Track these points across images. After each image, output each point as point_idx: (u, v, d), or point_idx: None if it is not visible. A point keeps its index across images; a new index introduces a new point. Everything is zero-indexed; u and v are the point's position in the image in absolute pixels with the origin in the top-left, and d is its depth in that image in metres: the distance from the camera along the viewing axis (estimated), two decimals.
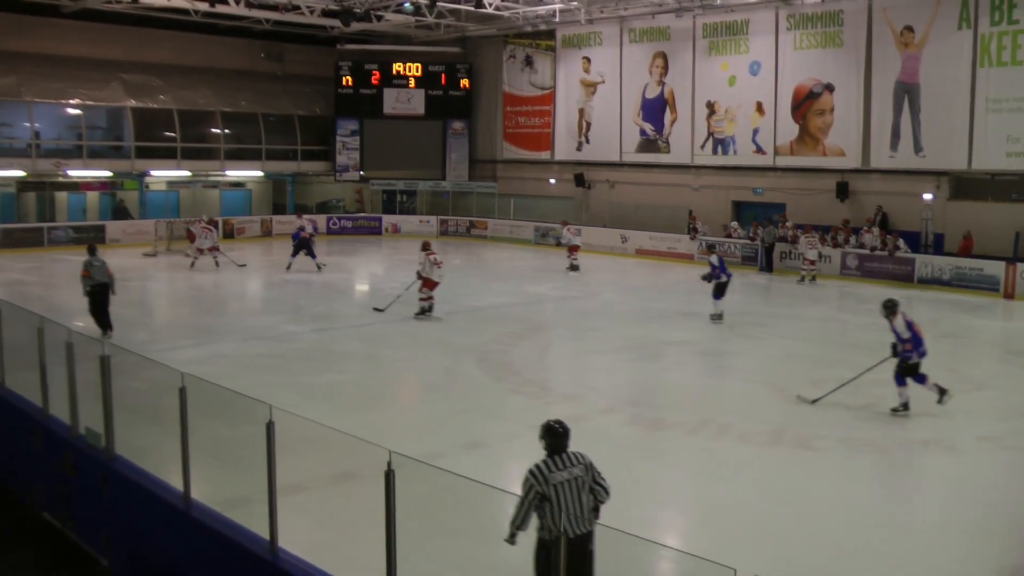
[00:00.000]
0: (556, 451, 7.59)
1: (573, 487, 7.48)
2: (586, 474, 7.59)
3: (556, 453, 7.57)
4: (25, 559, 11.53)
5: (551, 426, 7.67)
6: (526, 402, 15.87)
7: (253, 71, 46.01)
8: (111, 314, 20.39)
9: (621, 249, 37.54)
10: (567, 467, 7.51)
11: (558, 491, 7.40)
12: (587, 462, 7.64)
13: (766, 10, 34.50)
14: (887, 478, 12.83)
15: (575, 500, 7.46)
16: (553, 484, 7.39)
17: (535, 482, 7.40)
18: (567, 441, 7.64)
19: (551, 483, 7.39)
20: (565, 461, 7.54)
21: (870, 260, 30.32)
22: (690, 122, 37.62)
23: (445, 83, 46.19)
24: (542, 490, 7.38)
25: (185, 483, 9.49)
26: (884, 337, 20.92)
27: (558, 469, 7.47)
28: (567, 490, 7.44)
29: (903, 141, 31.33)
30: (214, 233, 33.69)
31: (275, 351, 19.49)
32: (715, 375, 17.71)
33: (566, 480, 7.46)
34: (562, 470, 7.47)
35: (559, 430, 7.62)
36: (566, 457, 7.57)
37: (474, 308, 25.34)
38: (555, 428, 7.64)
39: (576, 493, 7.48)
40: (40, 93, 38.87)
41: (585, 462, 7.62)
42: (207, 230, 33.05)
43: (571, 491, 7.46)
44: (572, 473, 7.50)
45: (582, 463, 7.59)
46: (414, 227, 44.99)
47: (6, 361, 13.95)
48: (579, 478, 7.53)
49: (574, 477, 7.51)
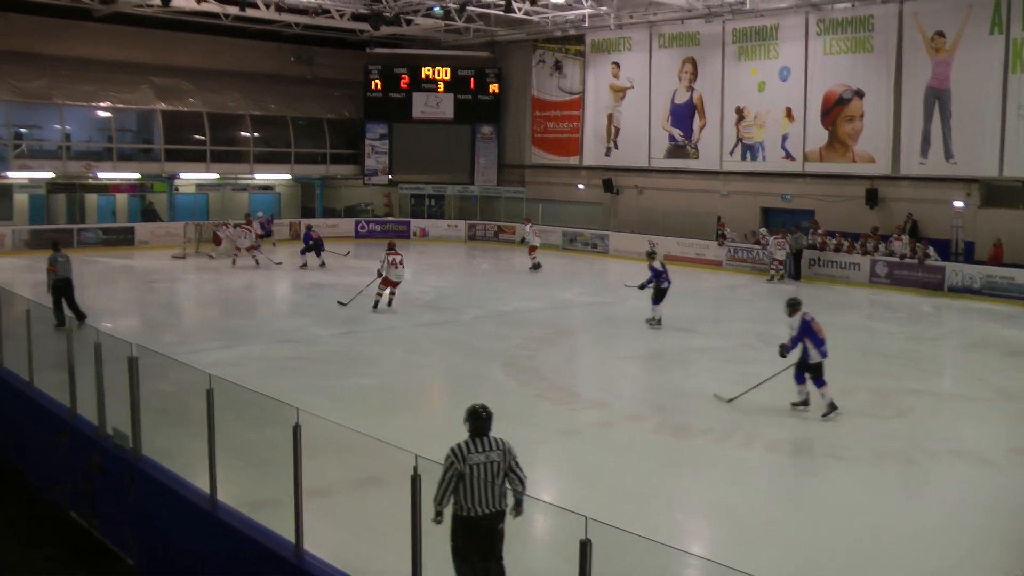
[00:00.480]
0: (478, 434, 8.05)
1: (488, 470, 7.91)
2: (503, 459, 8.02)
3: (478, 436, 8.04)
4: (52, 557, 11.59)
5: (475, 410, 8.14)
6: (552, 408, 15.87)
7: (282, 75, 46.26)
8: (79, 304, 21.17)
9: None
10: (486, 451, 7.96)
11: (474, 471, 7.83)
12: (506, 448, 8.07)
13: (796, 15, 34.35)
14: (915, 489, 12.70)
15: (488, 482, 7.85)
16: (470, 464, 7.83)
17: (455, 459, 7.85)
18: (489, 425, 8.10)
19: (468, 463, 7.83)
20: (485, 445, 8.00)
21: (900, 268, 30.11)
22: (719, 128, 37.49)
23: (474, 87, 46.24)
24: (460, 468, 7.81)
25: (211, 484, 9.51)
26: (914, 345, 20.85)
27: (477, 451, 7.93)
28: (482, 472, 7.86)
29: (933, 148, 31.08)
30: (252, 232, 34.20)
31: (302, 354, 19.54)
32: (743, 383, 17.61)
33: (482, 463, 7.90)
34: (480, 453, 7.93)
35: (482, 414, 8.10)
36: (487, 441, 8.02)
37: (501, 313, 25.33)
38: (479, 412, 8.12)
39: (491, 475, 7.89)
40: (71, 96, 39.17)
41: (504, 447, 8.06)
42: (246, 229, 33.92)
43: (486, 473, 7.88)
44: (489, 457, 7.95)
45: (501, 448, 8.04)
46: (442, 231, 45.06)
47: (35, 361, 14.03)
48: (495, 462, 7.97)
49: (491, 461, 7.95)
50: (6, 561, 11.25)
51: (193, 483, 10.04)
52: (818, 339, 15.17)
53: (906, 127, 31.79)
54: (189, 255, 35.93)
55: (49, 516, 12.53)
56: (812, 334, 15.16)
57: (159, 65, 42.11)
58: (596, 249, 38.98)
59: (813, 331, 15.19)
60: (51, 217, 39.82)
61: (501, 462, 8.01)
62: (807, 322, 15.26)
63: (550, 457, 13.55)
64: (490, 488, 7.86)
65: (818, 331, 15.23)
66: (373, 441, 8.61)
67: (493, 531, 7.88)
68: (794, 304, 15.45)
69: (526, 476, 8.18)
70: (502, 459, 8.02)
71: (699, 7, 35.56)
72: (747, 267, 33.83)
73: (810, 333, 15.17)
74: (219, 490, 9.57)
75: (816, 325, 15.29)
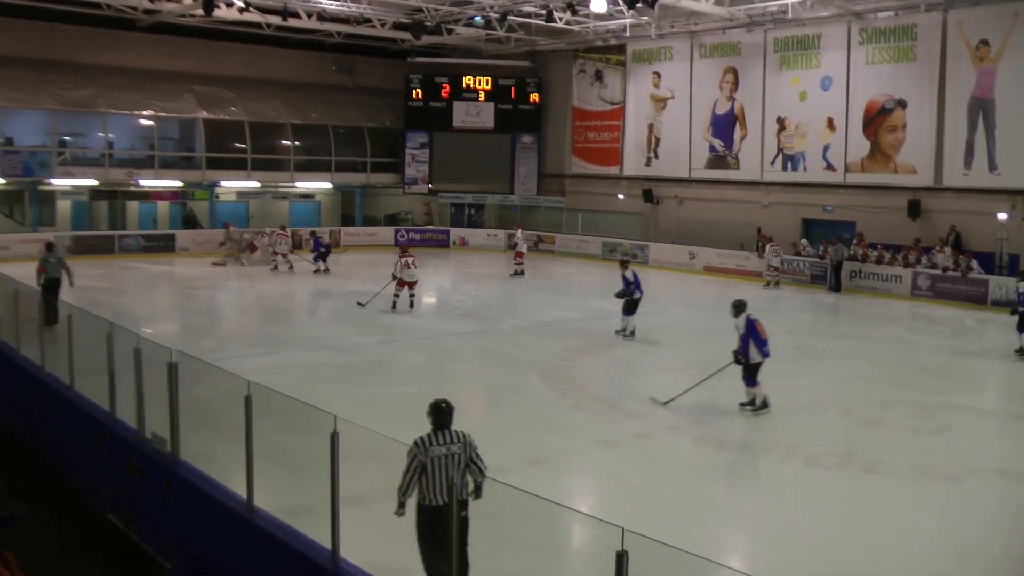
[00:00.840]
0: (440, 427, 8.45)
1: (450, 462, 8.30)
2: (464, 452, 8.39)
3: (440, 429, 8.44)
4: (90, 559, 11.65)
5: (437, 404, 8.55)
6: (590, 418, 15.83)
7: (324, 83, 46.53)
8: (58, 309, 20.45)
9: (689, 266, 37.33)
10: (447, 443, 8.34)
11: (435, 463, 8.24)
12: (467, 440, 8.46)
13: (838, 24, 34.16)
14: (956, 507, 12.46)
15: (449, 473, 8.25)
16: (432, 456, 8.25)
17: (417, 452, 8.27)
18: (451, 419, 8.51)
19: (430, 455, 8.25)
20: (446, 437, 8.38)
21: (942, 281, 29.82)
22: (760, 138, 37.32)
23: (515, 97, 46.30)
24: (423, 460, 8.24)
25: (248, 490, 9.54)
26: (956, 360, 20.64)
27: (438, 444, 8.32)
28: (443, 463, 8.26)
29: (977, 158, 30.77)
30: (289, 239, 34.72)
31: (341, 361, 19.60)
32: (782, 395, 17.49)
33: (444, 455, 8.29)
34: (441, 445, 8.31)
35: (444, 408, 8.52)
36: (448, 434, 8.42)
37: (540, 323, 25.30)
38: (441, 406, 8.53)
39: (451, 467, 8.28)
40: (114, 104, 39.56)
41: (465, 440, 8.45)
42: (282, 236, 34.70)
43: (447, 465, 8.27)
44: (450, 449, 8.33)
45: (461, 441, 8.42)
46: (482, 241, 45.14)
47: (76, 365, 14.12)
48: (456, 455, 8.35)
49: (452, 453, 8.33)
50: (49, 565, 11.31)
51: (231, 488, 10.06)
52: (760, 339, 15.82)
53: (949, 137, 31.48)
54: (229, 262, 36.06)
55: (89, 519, 12.60)
56: (756, 334, 15.81)
57: (202, 74, 42.49)
58: (636, 260, 38.83)
59: (757, 331, 15.85)
60: (93, 224, 40.22)
61: (462, 454, 8.36)
62: (752, 322, 15.92)
63: (587, 468, 13.51)
64: (449, 479, 8.23)
65: (761, 332, 15.91)
66: None
67: (456, 519, 8.09)
68: (740, 305, 16.16)
69: (486, 467, 8.49)
70: (463, 451, 8.38)
71: (741, 16, 35.44)
72: (788, 278, 33.61)
73: (754, 333, 15.81)
74: (256, 496, 9.59)
75: (760, 326, 15.94)
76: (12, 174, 36.90)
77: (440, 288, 33.95)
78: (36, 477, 14.51)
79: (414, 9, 37.47)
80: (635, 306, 22.85)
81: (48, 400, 14.76)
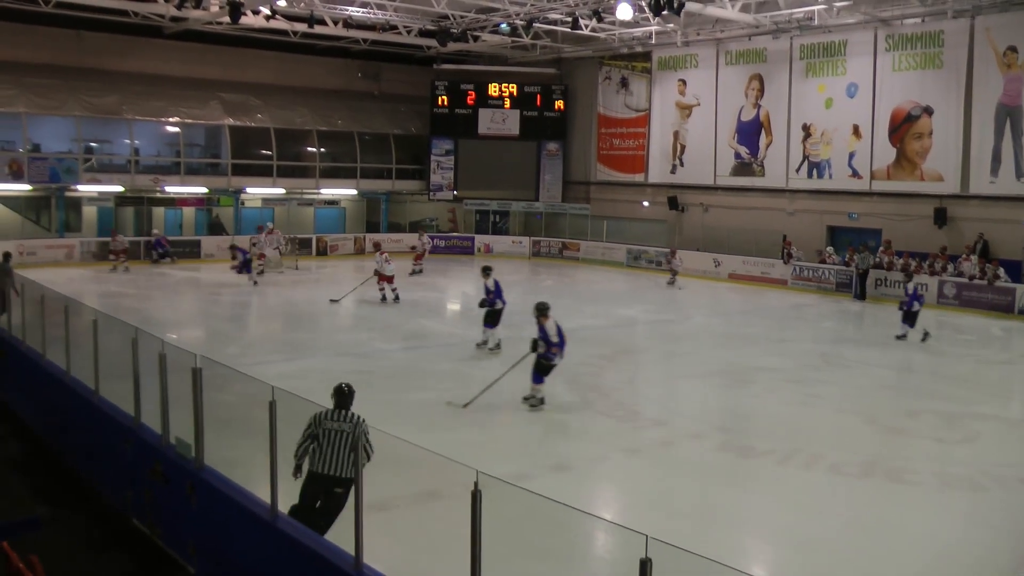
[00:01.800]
0: (339, 407, 9.64)
1: (338, 437, 9.43)
2: (353, 431, 9.35)
3: (338, 409, 9.62)
4: (113, 562, 11.69)
5: (340, 387, 9.78)
6: (615, 425, 15.81)
7: (349, 90, 46.70)
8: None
9: (714, 273, 37.25)
10: (339, 421, 9.49)
11: (326, 435, 9.45)
12: (358, 422, 9.47)
13: (864, 31, 34.03)
14: (981, 516, 12.34)
15: (335, 448, 9.40)
16: (324, 429, 9.47)
17: (312, 422, 9.51)
18: (350, 401, 9.70)
19: (322, 427, 9.47)
20: (341, 416, 9.54)
21: (968, 289, 29.64)
22: (785, 145, 37.22)
23: (540, 104, 46.30)
24: (314, 431, 9.50)
25: (272, 495, 9.54)
26: (983, 369, 20.54)
27: (332, 420, 9.51)
28: (331, 438, 9.43)
29: (1004, 166, 30.58)
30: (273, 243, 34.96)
31: (365, 367, 19.60)
32: (806, 403, 17.44)
33: (334, 430, 9.46)
34: (335, 422, 9.49)
35: (344, 391, 9.74)
36: (343, 414, 9.57)
37: (565, 329, 25.22)
38: (342, 389, 9.76)
39: (338, 443, 9.41)
40: (141, 111, 39.79)
41: (356, 421, 9.48)
42: (271, 236, 35.23)
43: (335, 440, 9.42)
44: (341, 427, 9.45)
45: (353, 422, 9.46)
46: (507, 247, 45.15)
47: (101, 370, 14.18)
48: (345, 432, 9.42)
49: (341, 431, 9.44)
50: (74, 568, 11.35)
51: (254, 493, 10.09)
52: (563, 343, 16.31)
53: (976, 145, 31.31)
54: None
55: (113, 523, 12.64)
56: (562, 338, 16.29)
57: (228, 81, 42.75)
58: (661, 267, 38.71)
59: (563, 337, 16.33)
60: (119, 229, 40.36)
61: (350, 433, 9.36)
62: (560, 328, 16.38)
63: (611, 475, 13.49)
64: (335, 453, 9.38)
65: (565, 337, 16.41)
66: (434, 456, 8.58)
67: (331, 492, 9.42)
68: (543, 308, 16.45)
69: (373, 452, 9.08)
70: (352, 430, 9.36)
71: (766, 23, 35.36)
72: (813, 286, 33.51)
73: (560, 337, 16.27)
74: (280, 501, 9.61)
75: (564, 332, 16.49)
76: (39, 180, 37.14)
77: (464, 294, 33.94)
78: (60, 481, 14.58)
79: (440, 16, 37.54)
80: (497, 317, 21.71)
81: (73, 405, 14.81)
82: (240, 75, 43.25)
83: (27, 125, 37.37)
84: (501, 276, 22.21)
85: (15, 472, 14.54)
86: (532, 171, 46.86)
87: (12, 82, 37.22)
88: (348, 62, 46.10)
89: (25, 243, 35.14)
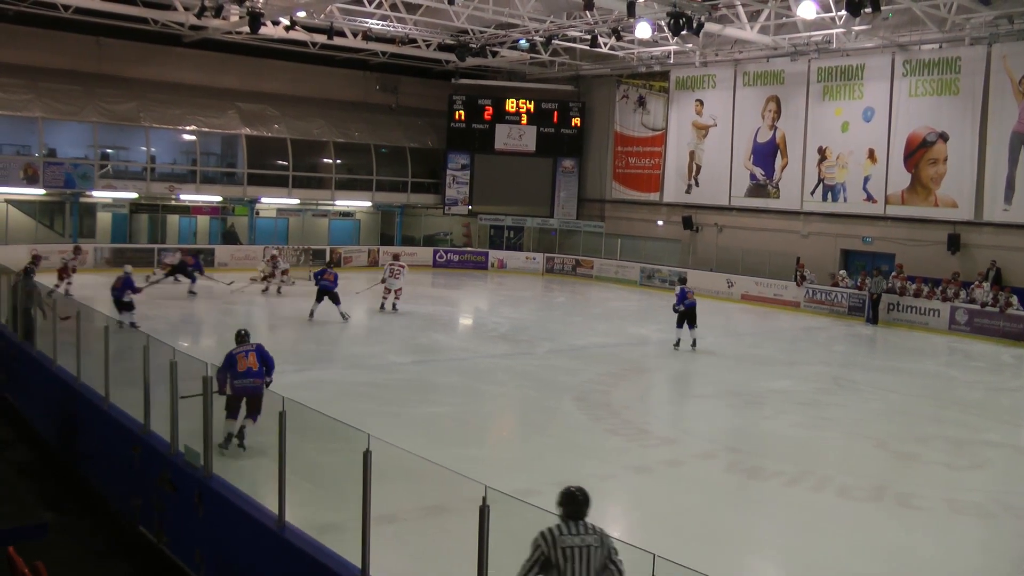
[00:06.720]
0: (573, 518, 7.12)
1: (583, 555, 7.00)
2: (600, 546, 7.05)
3: (572, 519, 7.12)
4: (119, 570, 11.70)
5: (571, 493, 7.21)
6: (623, 443, 15.78)
7: (367, 103, 46.80)
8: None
9: (726, 294, 37.19)
10: (580, 534, 7.03)
11: (566, 556, 6.98)
12: (601, 533, 7.11)
13: (882, 55, 34.02)
14: (990, 543, 12.34)
15: (582, 570, 6.98)
16: (561, 548, 6.97)
17: (540, 543, 7.01)
18: (586, 510, 7.15)
19: (559, 547, 6.97)
20: (579, 528, 7.07)
21: (980, 316, 29.52)
22: (801, 168, 37.19)
23: (557, 121, 46.33)
24: (545, 553, 6.99)
25: (280, 505, 9.55)
26: (994, 396, 20.51)
27: (571, 534, 7.03)
28: (576, 557, 6.99)
29: (1018, 194, 30.48)
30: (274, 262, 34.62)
31: (376, 380, 19.63)
32: (816, 426, 17.41)
33: (577, 546, 7.00)
34: (575, 535, 7.02)
35: (579, 497, 7.17)
36: (581, 525, 7.09)
37: (576, 347, 25.28)
38: (575, 496, 7.19)
39: (585, 563, 6.99)
40: (158, 119, 39.96)
41: (599, 533, 7.10)
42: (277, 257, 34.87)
43: (580, 559, 6.99)
44: (584, 540, 7.01)
45: (596, 533, 7.08)
46: (520, 263, 45.13)
47: (111, 378, 14.21)
48: (592, 547, 7.00)
49: (586, 545, 7.00)
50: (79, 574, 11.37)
51: (262, 503, 10.09)
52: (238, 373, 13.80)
53: (990, 172, 31.23)
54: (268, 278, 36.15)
55: (120, 530, 12.66)
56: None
57: (245, 91, 42.91)
58: (674, 286, 38.67)
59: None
60: (133, 236, 40.54)
61: (599, 548, 7.03)
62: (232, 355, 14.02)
63: (619, 493, 13.47)
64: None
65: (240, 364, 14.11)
66: (442, 470, 8.58)
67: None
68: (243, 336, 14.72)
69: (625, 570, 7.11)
70: (599, 544, 7.03)
71: (785, 45, 35.41)
72: (825, 309, 33.44)
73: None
74: (287, 511, 9.61)
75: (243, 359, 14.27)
76: (54, 185, 37.28)
77: (477, 310, 34.01)
78: (68, 487, 14.60)
79: (459, 31, 37.68)
80: None
81: (82, 411, 14.85)
82: (258, 85, 43.40)
83: (43, 130, 37.51)
84: (512, 292, 22.24)
85: (22, 477, 14.55)
86: (547, 187, 46.86)
87: (29, 87, 37.43)
88: (366, 74, 46.25)
89: (39, 247, 35.18)
